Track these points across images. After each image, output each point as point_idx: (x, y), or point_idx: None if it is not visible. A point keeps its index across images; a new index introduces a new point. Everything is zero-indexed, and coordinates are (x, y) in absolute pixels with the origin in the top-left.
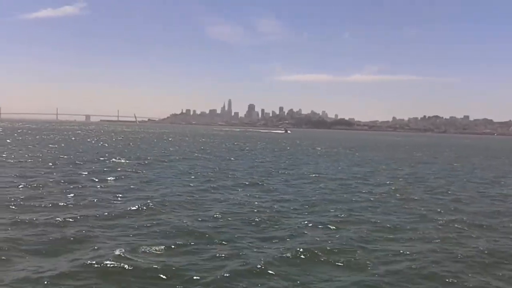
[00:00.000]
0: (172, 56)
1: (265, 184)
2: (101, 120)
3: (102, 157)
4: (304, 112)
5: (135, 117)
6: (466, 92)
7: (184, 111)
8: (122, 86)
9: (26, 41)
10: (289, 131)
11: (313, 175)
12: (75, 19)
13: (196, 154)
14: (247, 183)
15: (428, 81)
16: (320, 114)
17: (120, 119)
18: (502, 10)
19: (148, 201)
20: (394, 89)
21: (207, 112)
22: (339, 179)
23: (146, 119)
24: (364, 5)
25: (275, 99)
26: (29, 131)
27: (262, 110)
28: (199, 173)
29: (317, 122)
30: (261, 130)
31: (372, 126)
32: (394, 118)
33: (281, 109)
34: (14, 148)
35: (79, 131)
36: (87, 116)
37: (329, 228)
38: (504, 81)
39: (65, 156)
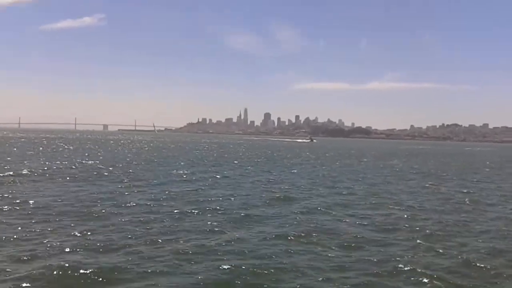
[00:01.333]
0: (189, 65)
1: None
2: (119, 130)
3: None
4: (320, 120)
5: (154, 126)
6: (485, 99)
7: (200, 120)
8: (139, 95)
9: (45, 52)
10: (314, 140)
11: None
12: (93, 29)
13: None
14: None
15: (446, 89)
16: (337, 122)
17: (137, 128)
18: None
19: None
20: (412, 97)
21: (223, 120)
22: None
23: (163, 128)
24: (381, 13)
25: (291, 107)
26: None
27: (278, 119)
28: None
29: (334, 130)
30: (285, 139)
31: (390, 134)
32: (412, 126)
33: (297, 117)
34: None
35: (124, 141)
36: (105, 126)
37: None
38: None
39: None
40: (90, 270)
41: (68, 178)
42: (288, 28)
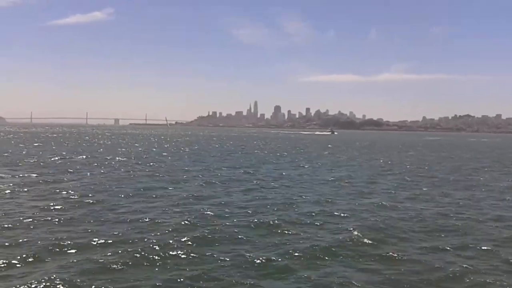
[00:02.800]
0: (198, 59)
1: None
2: (130, 124)
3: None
4: (331, 112)
5: (166, 120)
6: (497, 90)
7: (210, 113)
8: (149, 89)
9: (56, 47)
10: (335, 132)
11: None
12: (103, 24)
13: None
14: None
15: (457, 80)
16: (348, 114)
17: (148, 122)
18: None
19: None
20: (423, 88)
21: (233, 114)
22: None
23: (174, 122)
24: (390, 3)
25: (301, 100)
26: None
27: (289, 111)
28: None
29: (345, 123)
30: (304, 132)
31: (402, 126)
32: (424, 117)
33: (307, 110)
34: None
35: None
36: (116, 120)
37: None
38: None
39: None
40: None
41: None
42: (297, 20)
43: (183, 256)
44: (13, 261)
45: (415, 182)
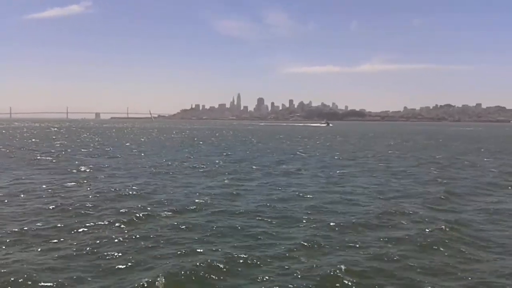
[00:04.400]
0: (180, 52)
1: None
2: (111, 118)
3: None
4: (314, 104)
5: (151, 113)
6: (477, 80)
7: (193, 106)
8: (130, 83)
9: (35, 41)
10: (331, 124)
11: None
12: (81, 17)
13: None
14: None
15: (438, 70)
16: (331, 106)
17: (130, 116)
18: None
19: None
20: (404, 79)
21: (217, 106)
22: None
23: (156, 115)
24: None
25: (284, 92)
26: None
27: (272, 103)
28: None
29: (328, 114)
30: (297, 124)
31: (385, 116)
32: (405, 107)
33: (291, 102)
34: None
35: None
36: (97, 114)
37: None
38: None
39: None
40: None
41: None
42: (278, 12)
43: None
44: None
45: None
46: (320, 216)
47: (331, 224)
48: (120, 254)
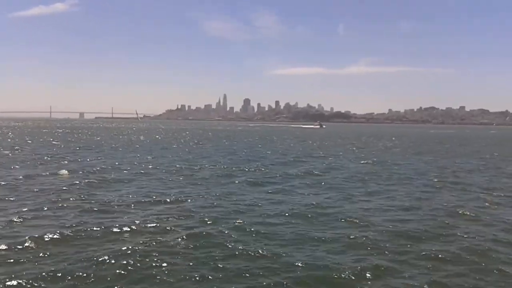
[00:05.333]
0: (166, 52)
1: None
2: (96, 118)
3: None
4: (300, 105)
5: (137, 113)
6: (461, 83)
7: (179, 106)
8: (115, 83)
9: (18, 40)
10: (324, 126)
11: None
12: (66, 16)
13: None
14: None
15: (422, 73)
16: (317, 107)
17: (115, 116)
18: (496, 2)
19: None
20: (388, 82)
21: (203, 107)
22: None
23: (142, 115)
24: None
25: (270, 93)
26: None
27: (258, 104)
28: None
29: (314, 115)
30: (291, 125)
31: (370, 118)
32: (390, 110)
33: (277, 103)
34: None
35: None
36: (81, 114)
37: None
38: (498, 72)
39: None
40: None
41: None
42: (266, 14)
43: None
44: None
45: None
46: None
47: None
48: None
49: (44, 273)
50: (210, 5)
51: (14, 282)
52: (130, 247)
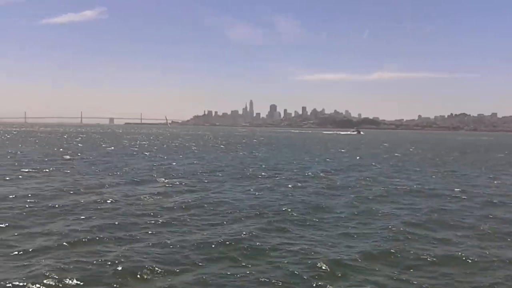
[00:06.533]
0: (192, 58)
1: None
2: (125, 123)
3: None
4: (327, 111)
5: (166, 119)
6: (491, 88)
7: (206, 112)
8: (143, 88)
9: (50, 46)
10: (362, 132)
11: None
12: (96, 23)
13: None
14: None
15: (452, 79)
16: (344, 113)
17: (143, 121)
18: None
19: None
20: (416, 87)
21: (229, 113)
22: None
23: (170, 121)
24: (383, 3)
25: (296, 99)
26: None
27: (285, 110)
28: None
29: (342, 121)
30: (325, 131)
31: (399, 125)
32: (419, 116)
33: (303, 109)
34: None
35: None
36: (111, 119)
37: None
38: None
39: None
40: None
41: None
42: (290, 19)
43: None
44: None
45: None
46: None
47: None
48: None
49: None
50: (234, 11)
51: None
52: None
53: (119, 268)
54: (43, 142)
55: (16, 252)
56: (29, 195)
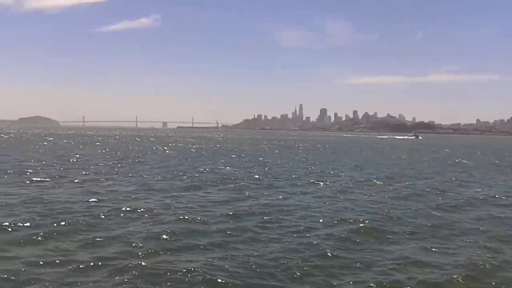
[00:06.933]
0: (241, 62)
1: None
2: (178, 127)
3: None
4: (379, 115)
5: (217, 123)
6: None
7: (255, 116)
8: (195, 92)
9: (106, 53)
10: (420, 137)
11: None
12: (150, 30)
13: None
14: None
15: (509, 81)
16: (397, 117)
17: (195, 125)
18: None
19: None
20: (473, 90)
21: (278, 117)
22: None
23: (220, 125)
24: (437, 3)
25: (347, 102)
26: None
27: (335, 114)
28: None
29: (395, 125)
30: (380, 136)
31: (457, 129)
32: (478, 120)
33: (355, 112)
34: None
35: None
36: (164, 123)
37: None
38: None
39: None
40: None
41: None
42: (340, 21)
43: None
44: None
45: None
46: None
47: None
48: None
49: None
50: (282, 14)
51: None
52: None
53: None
54: (105, 145)
55: (96, 256)
56: (95, 200)
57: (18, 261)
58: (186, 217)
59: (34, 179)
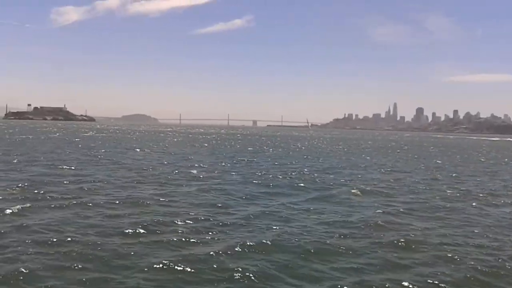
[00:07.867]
0: (333, 60)
1: None
2: (268, 125)
3: None
4: (482, 115)
5: (307, 122)
6: None
7: (346, 115)
8: (284, 90)
9: (201, 54)
10: None
11: None
12: (244, 30)
13: None
14: None
15: None
16: (503, 118)
17: (284, 124)
18: None
19: None
20: None
21: (370, 116)
22: None
23: (310, 124)
24: None
25: (445, 102)
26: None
27: (433, 114)
28: None
29: (501, 127)
30: (491, 138)
31: None
32: None
33: (455, 112)
34: None
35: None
36: (254, 122)
37: None
38: None
39: None
40: None
41: None
42: (439, 17)
43: None
44: None
45: None
46: None
47: None
48: None
49: None
50: (377, 9)
51: None
52: None
53: None
54: (211, 144)
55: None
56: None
57: None
58: None
59: None
